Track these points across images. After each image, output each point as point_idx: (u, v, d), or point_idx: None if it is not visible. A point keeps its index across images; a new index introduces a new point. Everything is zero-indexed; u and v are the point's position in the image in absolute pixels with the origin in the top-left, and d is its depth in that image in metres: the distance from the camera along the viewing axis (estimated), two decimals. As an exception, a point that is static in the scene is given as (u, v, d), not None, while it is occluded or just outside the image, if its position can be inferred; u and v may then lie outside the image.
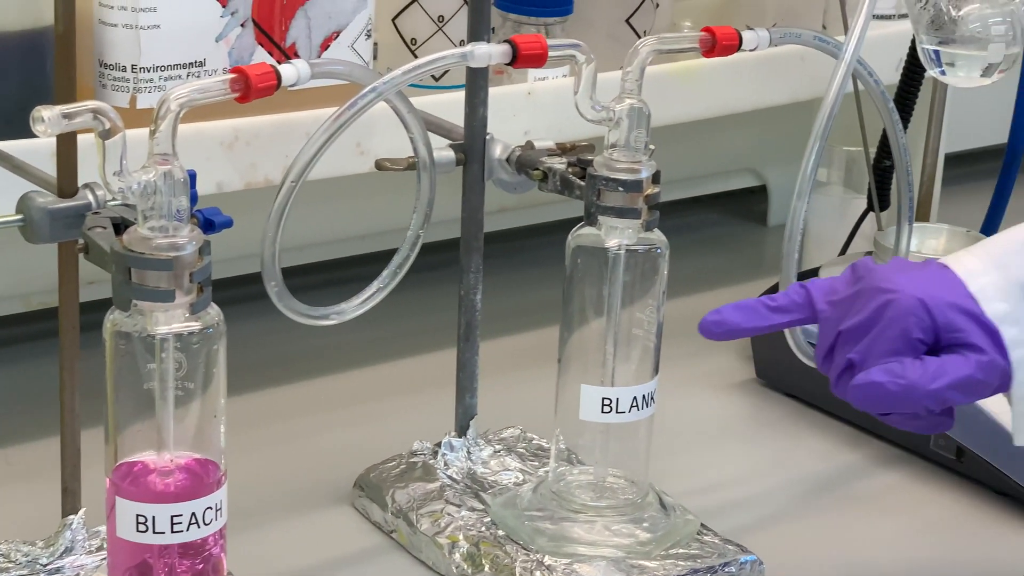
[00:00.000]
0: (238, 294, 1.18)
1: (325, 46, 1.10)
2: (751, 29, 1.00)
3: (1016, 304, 0.90)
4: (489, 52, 0.90)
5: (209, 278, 0.81)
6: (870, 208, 1.30)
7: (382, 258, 0.99)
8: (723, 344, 1.27)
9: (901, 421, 0.93)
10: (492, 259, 1.08)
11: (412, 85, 1.19)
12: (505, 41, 0.91)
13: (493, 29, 1.23)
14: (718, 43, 0.97)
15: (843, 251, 1.34)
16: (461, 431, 1.05)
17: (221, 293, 1.17)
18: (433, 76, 1.21)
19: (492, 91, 1.17)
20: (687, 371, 1.24)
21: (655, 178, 0.94)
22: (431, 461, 1.03)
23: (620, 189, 0.93)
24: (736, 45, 0.98)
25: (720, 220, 1.54)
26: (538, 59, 0.91)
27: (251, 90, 0.82)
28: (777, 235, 1.46)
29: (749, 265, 1.46)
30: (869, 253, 1.25)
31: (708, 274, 1.42)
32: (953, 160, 1.57)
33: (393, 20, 1.22)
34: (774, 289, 1.28)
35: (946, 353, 0.89)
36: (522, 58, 0.90)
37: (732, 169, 1.51)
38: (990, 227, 1.33)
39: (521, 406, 1.10)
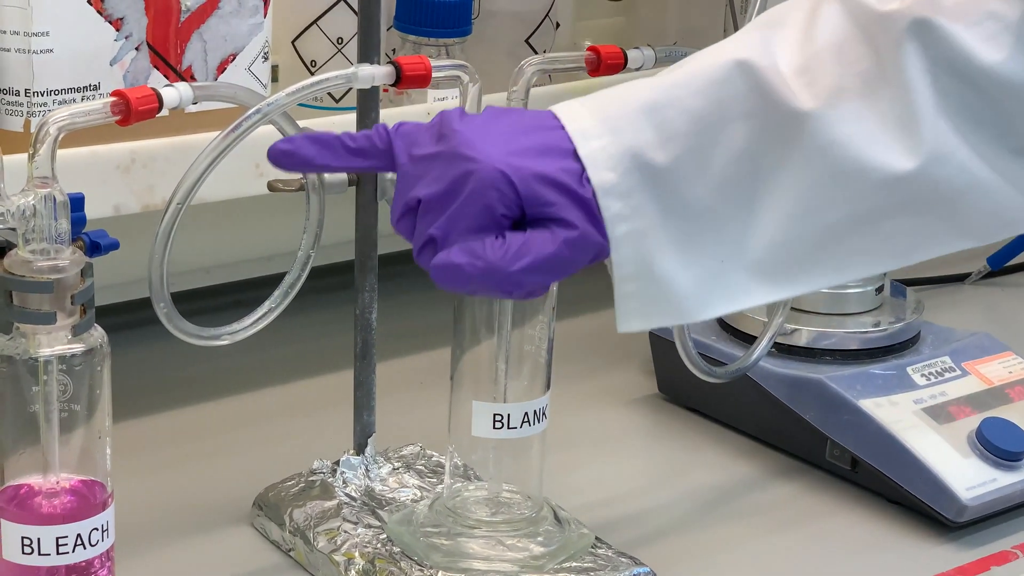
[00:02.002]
0: (143, 317, 1.18)
1: (222, 69, 1.10)
2: (637, 48, 1.01)
3: (624, 175, 0.82)
4: (372, 73, 0.91)
5: (92, 300, 0.82)
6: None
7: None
8: (626, 360, 1.28)
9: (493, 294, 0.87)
10: (388, 281, 1.09)
11: (312, 106, 1.21)
12: (389, 62, 0.92)
13: (394, 51, 1.24)
14: (603, 62, 0.99)
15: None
16: (359, 449, 1.05)
17: (120, 317, 1.19)
18: (333, 97, 1.22)
19: (391, 112, 1.18)
20: (589, 386, 1.25)
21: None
22: (330, 479, 1.04)
23: (507, 207, 0.94)
24: (621, 64, 0.99)
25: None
26: (422, 80, 0.92)
27: (132, 113, 0.83)
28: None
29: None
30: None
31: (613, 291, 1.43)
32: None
33: (293, 42, 1.23)
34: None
35: (535, 227, 0.82)
36: (406, 79, 0.91)
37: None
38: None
39: (422, 424, 1.11)
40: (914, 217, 0.86)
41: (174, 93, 0.85)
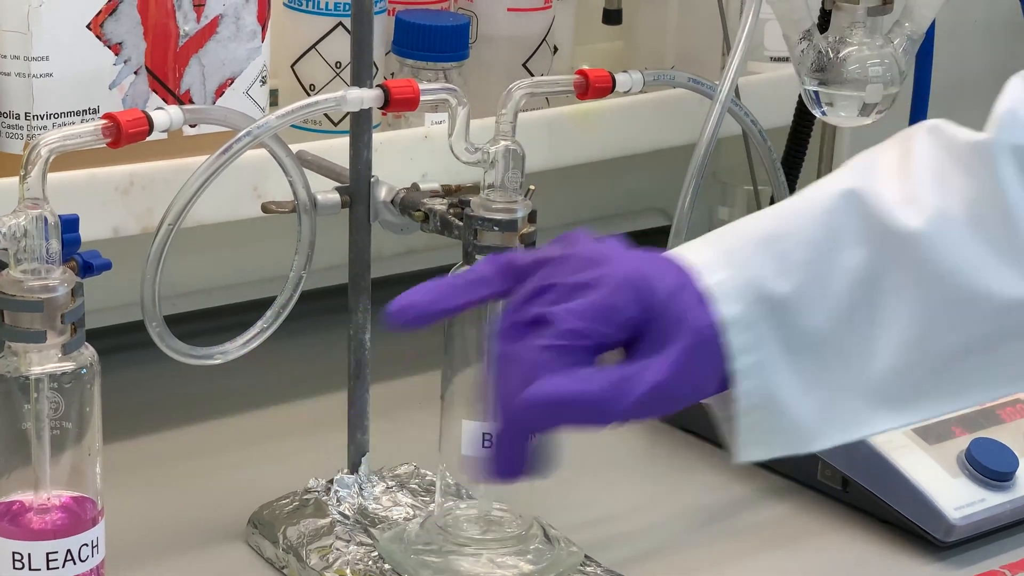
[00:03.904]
0: (144, 339, 1.20)
1: (220, 92, 1.12)
2: (625, 72, 1.03)
3: (748, 307, 0.82)
4: (361, 96, 0.92)
5: (83, 319, 0.83)
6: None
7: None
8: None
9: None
10: (381, 304, 1.10)
11: (311, 129, 1.22)
12: (378, 86, 0.93)
13: (392, 75, 1.26)
14: (591, 86, 1.00)
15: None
16: (353, 468, 1.07)
17: (121, 338, 1.20)
18: (332, 120, 1.23)
19: (390, 135, 1.20)
20: (585, 407, 1.26)
21: (531, 218, 0.97)
22: (324, 498, 1.05)
23: (495, 228, 0.96)
24: (609, 87, 1.01)
25: (631, 259, 1.56)
26: (410, 103, 0.93)
27: (122, 136, 0.85)
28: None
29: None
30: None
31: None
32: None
33: (292, 66, 1.24)
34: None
35: (645, 348, 0.81)
36: (394, 102, 0.93)
37: (639, 209, 1.53)
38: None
39: (417, 444, 1.12)
40: None
41: (165, 116, 0.87)
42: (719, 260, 0.84)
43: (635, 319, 0.81)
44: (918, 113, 1.42)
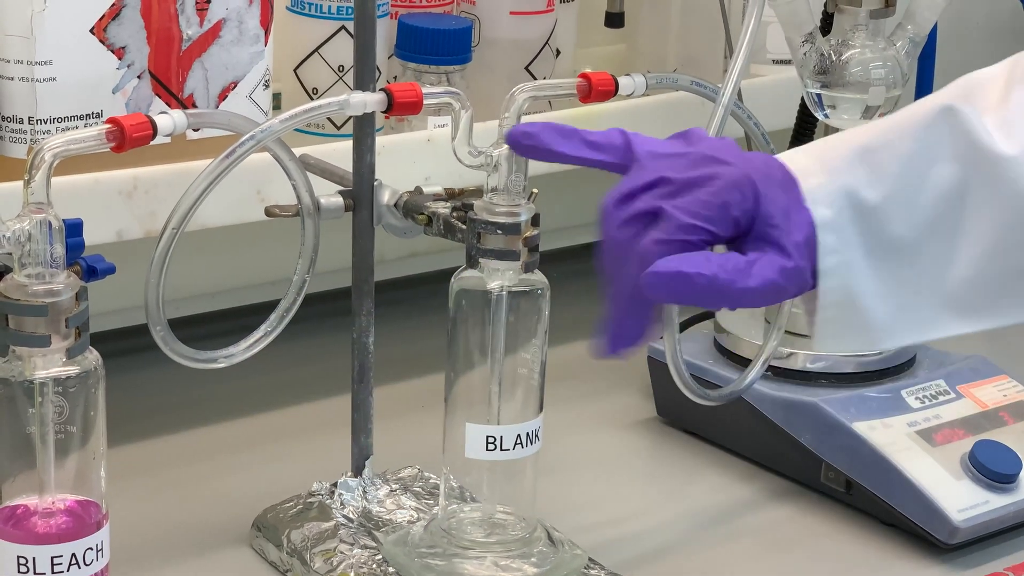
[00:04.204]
0: (149, 342, 1.20)
1: (223, 96, 1.12)
2: (628, 75, 1.03)
3: (839, 211, 0.88)
4: (364, 100, 0.92)
5: (87, 323, 0.83)
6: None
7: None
8: (626, 384, 1.30)
9: (628, 313, 0.88)
10: (385, 307, 1.10)
11: (313, 132, 1.23)
12: (381, 90, 0.93)
13: (395, 78, 1.26)
14: (594, 89, 1.00)
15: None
16: (357, 471, 1.07)
17: (127, 342, 1.21)
18: (335, 124, 1.23)
19: (393, 138, 1.20)
20: (589, 410, 1.26)
21: (534, 221, 0.97)
22: (327, 501, 1.05)
23: (499, 232, 0.96)
24: (612, 91, 1.01)
25: (634, 262, 1.56)
26: (413, 107, 0.93)
27: (126, 140, 0.85)
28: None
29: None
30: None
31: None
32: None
33: (295, 70, 1.24)
34: (683, 328, 1.31)
35: (750, 244, 0.87)
36: (397, 106, 0.93)
37: (641, 212, 1.54)
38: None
39: (421, 447, 1.12)
40: None
41: (168, 120, 0.87)
42: (815, 167, 0.89)
43: (743, 217, 0.87)
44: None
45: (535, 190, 0.99)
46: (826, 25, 1.18)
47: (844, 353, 1.13)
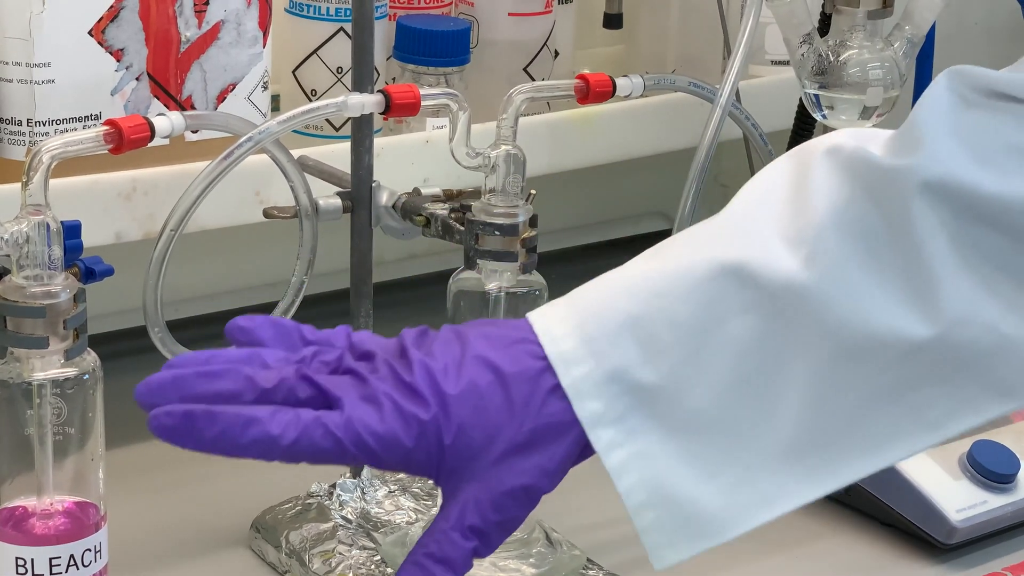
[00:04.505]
0: (149, 344, 1.20)
1: (221, 98, 1.12)
2: (626, 76, 1.03)
3: (612, 401, 0.78)
4: (362, 102, 0.93)
5: (85, 325, 0.84)
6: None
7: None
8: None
9: None
10: (383, 309, 1.10)
11: (313, 135, 1.23)
12: (379, 91, 0.93)
13: (393, 79, 1.26)
14: (591, 90, 1.00)
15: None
16: (355, 472, 1.07)
17: (126, 343, 1.21)
18: (333, 125, 1.23)
19: (391, 139, 1.20)
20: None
21: (532, 222, 0.97)
22: (326, 502, 1.05)
23: (497, 233, 0.96)
24: (610, 92, 1.01)
25: (633, 263, 1.56)
26: (411, 108, 0.93)
27: (124, 142, 0.85)
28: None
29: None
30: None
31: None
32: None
33: (294, 72, 1.25)
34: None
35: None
36: (395, 107, 0.93)
37: (641, 213, 1.54)
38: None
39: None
40: (942, 386, 0.79)
41: (166, 122, 0.87)
42: (579, 350, 0.79)
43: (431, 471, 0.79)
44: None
45: (533, 191, 1.00)
46: (824, 26, 1.19)
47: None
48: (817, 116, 1.18)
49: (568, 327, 0.79)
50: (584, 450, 0.80)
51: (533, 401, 0.78)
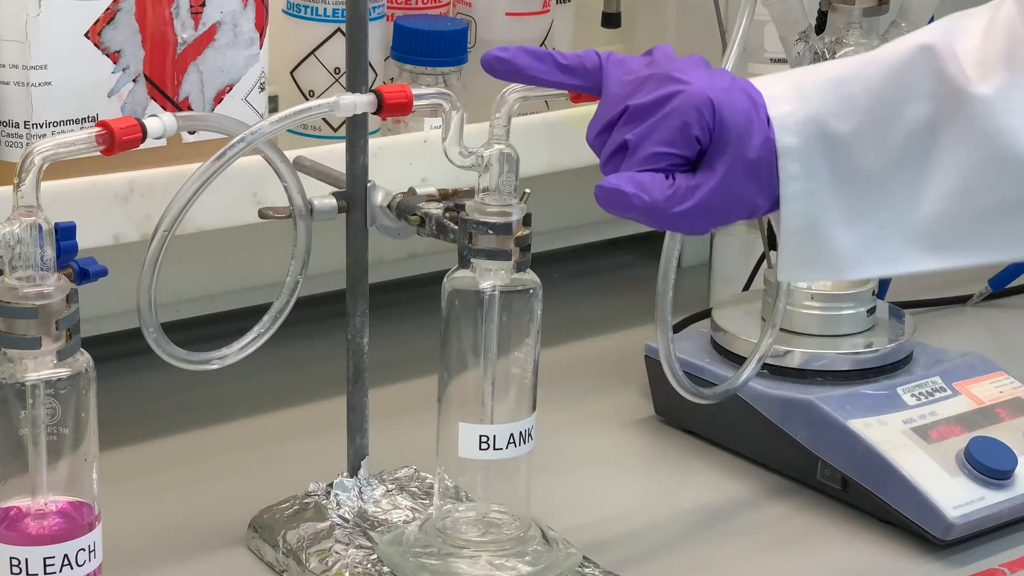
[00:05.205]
0: (147, 345, 1.21)
1: (218, 99, 1.13)
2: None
3: (806, 140, 0.90)
4: (354, 102, 0.93)
5: (77, 325, 0.84)
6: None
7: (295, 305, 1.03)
8: (625, 383, 1.30)
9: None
10: (379, 309, 1.11)
11: (309, 135, 1.23)
12: (370, 91, 0.94)
13: (392, 79, 1.27)
14: (585, 89, 1.00)
15: (746, 287, 1.37)
16: (353, 471, 1.07)
17: (125, 345, 1.21)
18: (331, 126, 1.24)
19: (389, 139, 1.21)
20: (587, 409, 1.26)
21: (526, 221, 0.97)
22: (324, 501, 1.06)
23: (490, 232, 0.96)
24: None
25: (635, 262, 1.57)
26: (403, 108, 0.94)
27: (116, 143, 0.85)
28: (691, 276, 1.50)
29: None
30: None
31: (623, 314, 1.44)
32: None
33: (291, 73, 1.25)
34: (681, 326, 1.31)
35: (705, 168, 0.90)
36: (387, 107, 0.93)
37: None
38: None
39: (419, 448, 1.12)
40: None
41: (158, 123, 0.87)
42: (788, 94, 0.91)
43: (703, 135, 0.89)
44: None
45: (528, 190, 1.00)
46: (820, 23, 1.18)
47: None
48: (813, 113, 1.17)
49: (781, 79, 0.93)
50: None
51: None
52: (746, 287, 1.37)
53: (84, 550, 0.85)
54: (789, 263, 0.93)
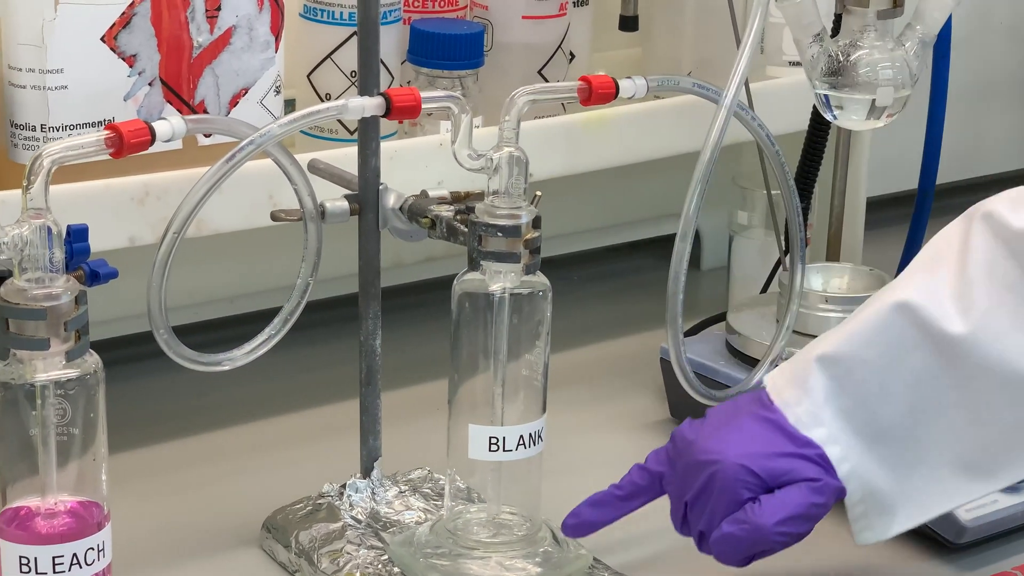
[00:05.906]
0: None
1: (234, 103, 1.13)
2: (629, 78, 1.03)
3: (830, 423, 0.98)
4: (363, 105, 0.93)
5: (86, 326, 0.85)
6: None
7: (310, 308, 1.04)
8: (642, 386, 1.30)
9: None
10: (391, 313, 1.11)
11: (325, 137, 1.24)
12: (379, 94, 0.94)
13: (408, 83, 1.27)
14: (594, 92, 1.00)
15: (763, 290, 1.37)
16: (366, 472, 1.08)
17: (142, 347, 1.22)
18: (348, 129, 1.24)
19: (405, 142, 1.21)
20: (603, 411, 1.27)
21: (536, 223, 0.97)
22: (336, 502, 1.06)
23: (500, 234, 0.96)
24: (613, 93, 1.01)
25: (655, 264, 1.57)
26: (411, 111, 0.94)
27: (124, 146, 0.86)
28: (710, 278, 1.50)
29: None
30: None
31: (641, 317, 1.44)
32: (882, 203, 1.60)
33: (308, 76, 1.25)
34: (698, 329, 1.32)
35: (783, 489, 0.98)
36: (396, 110, 0.94)
37: (657, 215, 1.54)
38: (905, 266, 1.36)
39: (433, 450, 1.13)
40: None
41: (167, 126, 0.88)
42: (798, 393, 1.00)
43: (756, 492, 0.98)
44: (935, 115, 1.42)
45: (538, 192, 1.00)
46: (834, 26, 1.18)
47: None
48: (828, 116, 1.18)
49: (784, 379, 1.02)
50: None
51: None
52: (763, 289, 1.37)
53: (93, 549, 0.85)
54: (862, 528, 1.01)
